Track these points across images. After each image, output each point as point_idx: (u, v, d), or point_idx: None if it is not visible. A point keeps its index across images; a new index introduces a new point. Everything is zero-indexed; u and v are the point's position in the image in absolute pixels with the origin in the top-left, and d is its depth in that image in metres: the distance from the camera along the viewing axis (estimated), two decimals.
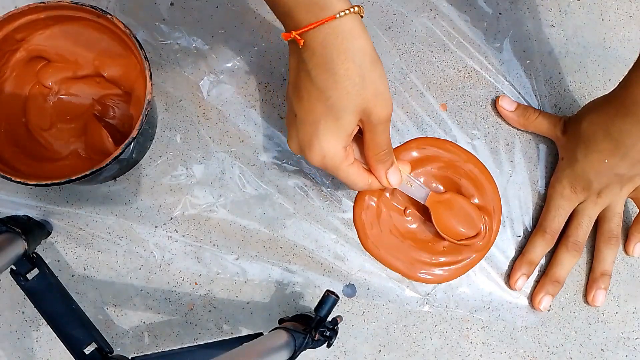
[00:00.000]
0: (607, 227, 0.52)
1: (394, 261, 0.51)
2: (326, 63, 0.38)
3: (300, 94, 0.40)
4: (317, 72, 0.39)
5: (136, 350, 0.49)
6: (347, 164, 0.42)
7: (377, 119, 0.40)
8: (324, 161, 0.42)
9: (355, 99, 0.39)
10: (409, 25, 0.56)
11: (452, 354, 0.51)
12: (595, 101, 0.50)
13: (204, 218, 0.51)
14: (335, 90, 0.39)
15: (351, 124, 0.40)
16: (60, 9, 0.45)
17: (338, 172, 0.43)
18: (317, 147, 0.41)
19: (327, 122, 0.40)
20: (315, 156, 0.42)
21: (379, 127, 0.41)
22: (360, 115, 0.40)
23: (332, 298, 0.42)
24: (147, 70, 0.43)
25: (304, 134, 0.41)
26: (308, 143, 0.41)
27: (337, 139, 0.41)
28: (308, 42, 0.38)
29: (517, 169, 0.54)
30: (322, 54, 0.38)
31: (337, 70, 0.38)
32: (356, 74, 0.38)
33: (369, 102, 0.39)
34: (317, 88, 0.39)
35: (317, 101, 0.40)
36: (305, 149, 0.42)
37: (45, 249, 0.50)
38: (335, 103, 0.39)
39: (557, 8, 0.57)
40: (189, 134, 0.52)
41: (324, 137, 0.41)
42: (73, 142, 0.49)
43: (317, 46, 0.38)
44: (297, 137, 0.42)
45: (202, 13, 0.54)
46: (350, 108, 0.39)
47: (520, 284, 0.51)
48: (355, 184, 0.44)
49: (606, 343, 0.52)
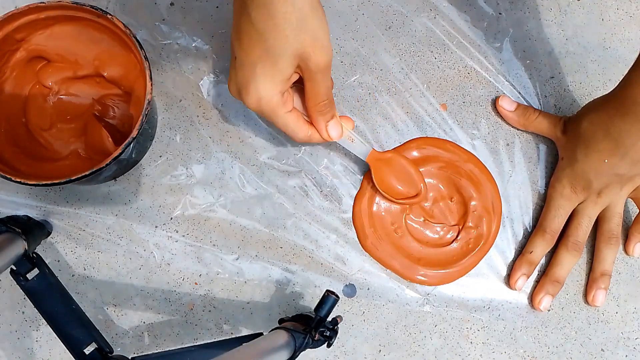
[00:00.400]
0: (607, 227, 0.52)
1: (392, 262, 0.51)
2: (266, 5, 0.38)
3: (241, 36, 0.40)
4: (256, 14, 0.38)
5: (136, 350, 0.49)
6: (284, 110, 0.42)
7: (316, 66, 0.40)
8: (259, 104, 0.42)
9: (292, 43, 0.39)
10: (409, 25, 0.56)
11: (452, 354, 0.51)
12: (595, 101, 0.50)
13: (204, 218, 0.51)
14: (274, 32, 0.38)
15: (288, 69, 0.40)
16: (60, 9, 0.45)
17: (276, 119, 0.43)
18: (253, 89, 0.41)
19: (265, 66, 0.40)
20: (252, 99, 0.41)
21: (317, 76, 0.41)
22: (297, 60, 0.40)
23: (332, 298, 0.42)
24: (147, 70, 0.43)
25: (242, 77, 0.41)
26: (245, 85, 0.41)
27: (273, 83, 0.41)
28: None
29: (517, 169, 0.54)
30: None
31: (276, 13, 0.38)
32: (295, 17, 0.38)
33: (307, 48, 0.39)
34: (257, 30, 0.39)
35: (256, 44, 0.39)
36: (242, 91, 0.42)
37: (45, 249, 0.50)
38: (273, 46, 0.39)
39: (557, 8, 0.57)
40: (189, 134, 0.52)
41: (260, 80, 0.41)
42: (73, 142, 0.49)
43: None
44: (235, 79, 0.42)
45: (202, 13, 0.54)
46: (288, 52, 0.39)
47: (520, 284, 0.51)
48: (295, 133, 0.44)
49: (606, 343, 0.52)
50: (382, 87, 0.54)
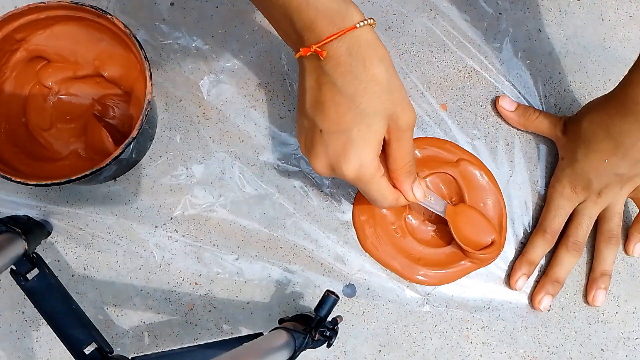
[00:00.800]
0: (607, 227, 0.52)
1: (391, 262, 0.51)
2: (353, 71, 0.38)
3: (326, 107, 0.40)
4: (343, 81, 0.38)
5: (136, 350, 0.49)
6: (380, 174, 0.41)
7: (406, 124, 0.40)
8: (360, 171, 0.40)
9: (384, 102, 0.39)
10: (409, 25, 0.56)
11: (452, 354, 0.51)
12: (595, 101, 0.50)
13: (204, 218, 0.51)
14: (365, 95, 0.38)
15: (382, 129, 0.40)
16: (60, 9, 0.45)
17: (372, 184, 0.41)
18: (354, 155, 0.39)
19: (360, 128, 0.39)
20: (352, 166, 0.40)
21: (406, 135, 0.40)
22: (389, 120, 0.40)
23: (332, 298, 0.42)
24: (147, 70, 0.43)
25: (335, 146, 0.40)
26: (342, 153, 0.40)
27: (371, 146, 0.40)
28: (331, 53, 0.38)
29: (517, 169, 0.54)
30: (347, 63, 0.38)
31: (364, 76, 0.38)
32: (383, 78, 0.38)
33: (397, 107, 0.39)
34: (345, 96, 0.39)
35: (346, 110, 0.39)
36: (340, 160, 0.40)
37: (45, 249, 0.50)
38: (367, 108, 0.39)
39: (557, 8, 0.57)
40: (189, 134, 0.52)
41: (358, 144, 0.39)
42: (73, 142, 0.49)
43: (342, 56, 0.38)
44: (326, 151, 0.40)
45: (202, 13, 0.54)
46: (382, 112, 0.39)
47: (521, 284, 0.51)
48: (386, 198, 0.42)
49: (606, 343, 0.52)
50: None
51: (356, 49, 0.38)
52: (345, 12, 0.38)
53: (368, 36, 0.38)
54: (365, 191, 0.42)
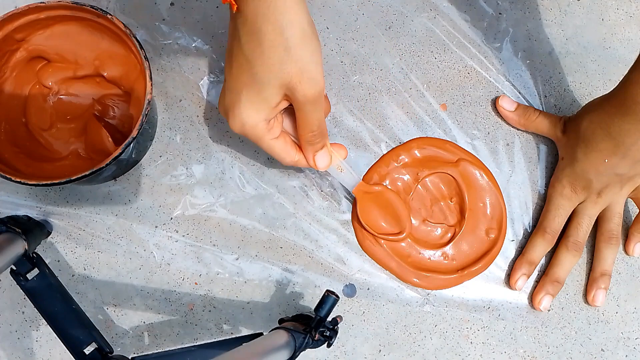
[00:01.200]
0: (607, 227, 0.52)
1: (389, 262, 0.51)
2: (255, 32, 0.37)
3: (231, 60, 0.40)
4: (246, 40, 0.38)
5: (136, 350, 0.49)
6: (269, 137, 0.42)
7: (303, 97, 0.39)
8: (243, 129, 0.42)
9: (277, 73, 0.38)
10: (409, 25, 0.56)
11: (452, 354, 0.51)
12: (595, 101, 0.50)
13: (204, 218, 0.51)
14: (260, 60, 0.38)
15: (274, 98, 0.40)
16: (60, 9, 0.45)
17: (260, 144, 0.43)
18: (238, 114, 0.41)
19: (250, 93, 0.40)
20: (236, 124, 0.42)
21: (306, 107, 0.40)
22: (284, 90, 0.40)
23: (332, 298, 0.42)
24: (147, 70, 0.43)
25: (228, 100, 0.42)
26: (231, 110, 0.41)
27: (257, 111, 0.41)
28: (242, 8, 0.37)
29: (517, 169, 0.54)
30: (253, 22, 0.37)
31: (263, 40, 0.37)
32: (282, 47, 0.37)
33: (294, 78, 0.38)
34: (245, 56, 0.39)
35: (243, 70, 0.39)
36: (228, 114, 0.42)
37: (45, 249, 0.50)
38: (259, 74, 0.39)
39: (557, 8, 0.57)
40: (189, 134, 0.52)
41: (244, 107, 0.41)
42: (73, 142, 0.49)
43: (249, 14, 0.37)
44: (223, 101, 0.43)
45: (202, 13, 0.54)
46: (273, 81, 0.39)
47: (521, 284, 0.51)
48: (282, 158, 0.44)
49: (606, 343, 0.52)
50: (382, 87, 0.54)
51: (264, 10, 0.36)
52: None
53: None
54: (259, 146, 0.43)
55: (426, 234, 0.52)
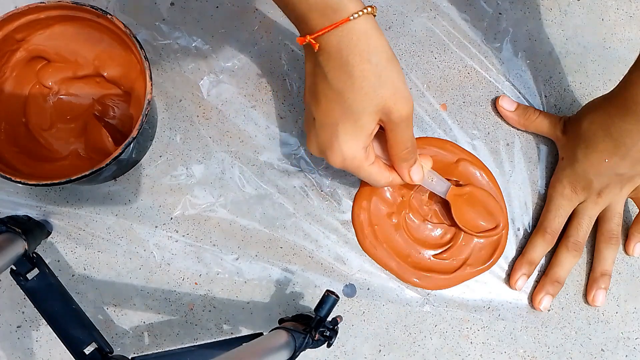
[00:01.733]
0: (607, 227, 0.52)
1: (389, 262, 0.51)
2: (342, 65, 0.38)
3: (318, 98, 0.41)
4: (333, 75, 0.39)
5: (136, 350, 0.49)
6: (367, 163, 0.43)
7: (398, 117, 0.40)
8: (344, 163, 0.42)
9: (373, 99, 0.39)
10: (409, 25, 0.56)
11: (452, 354, 0.51)
12: (595, 101, 0.50)
13: (204, 218, 0.51)
14: (353, 91, 0.39)
15: (370, 125, 0.41)
16: (60, 9, 0.45)
17: (359, 172, 0.43)
18: (337, 149, 0.41)
19: (346, 124, 0.40)
20: (336, 158, 0.42)
21: (400, 125, 0.41)
22: (379, 115, 0.40)
23: (332, 298, 0.42)
24: (147, 70, 0.43)
25: (323, 137, 0.42)
26: (328, 145, 0.42)
27: (356, 140, 0.41)
28: (323, 45, 0.38)
29: (517, 169, 0.54)
30: (338, 57, 0.38)
31: (353, 71, 0.38)
32: (372, 74, 0.38)
33: (388, 101, 0.39)
34: (335, 90, 0.39)
35: (335, 103, 0.40)
36: (326, 151, 0.42)
37: (45, 249, 0.50)
38: (353, 104, 0.39)
39: (557, 8, 0.57)
40: (189, 134, 0.52)
41: (343, 139, 0.41)
42: (73, 142, 0.49)
43: (333, 49, 0.38)
44: (316, 140, 0.43)
45: (202, 13, 0.54)
46: (369, 109, 0.39)
47: (521, 283, 0.51)
48: (378, 182, 0.44)
49: (606, 343, 0.52)
50: None
51: (347, 42, 0.38)
52: (339, 4, 0.37)
53: (363, 27, 0.38)
54: (356, 175, 0.44)
55: (426, 234, 0.52)
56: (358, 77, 0.38)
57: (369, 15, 0.38)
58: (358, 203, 0.52)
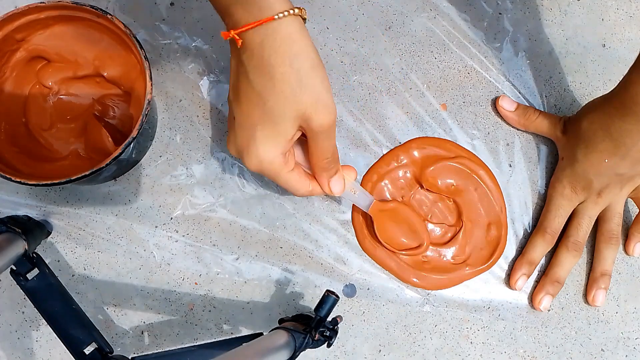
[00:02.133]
0: (607, 227, 0.52)
1: (389, 262, 0.51)
2: (264, 66, 0.37)
3: (239, 97, 0.39)
4: (255, 75, 0.38)
5: (136, 350, 0.49)
6: (286, 170, 0.41)
7: (319, 126, 0.39)
8: (261, 167, 0.41)
9: (292, 105, 0.38)
10: (409, 25, 0.56)
11: (452, 354, 0.51)
12: (595, 101, 0.50)
13: (204, 218, 0.51)
14: (273, 94, 0.37)
15: (289, 130, 0.39)
16: (60, 9, 0.45)
17: (277, 179, 0.42)
18: (254, 152, 0.40)
19: (265, 128, 0.39)
20: (252, 162, 0.40)
21: (321, 135, 0.40)
22: (299, 121, 0.39)
23: (332, 298, 0.42)
24: (147, 70, 0.43)
25: (241, 139, 0.40)
26: (245, 148, 0.40)
27: (274, 145, 0.40)
28: (247, 43, 0.37)
29: (517, 169, 0.54)
30: (260, 56, 0.37)
31: (274, 74, 0.37)
32: (294, 78, 0.37)
33: (308, 108, 0.38)
34: (255, 91, 0.38)
35: (255, 105, 0.38)
36: (243, 153, 0.41)
37: (45, 249, 0.50)
38: (273, 108, 0.38)
39: (557, 8, 0.57)
40: (189, 134, 0.52)
41: (260, 143, 0.39)
42: (73, 142, 0.49)
43: (256, 47, 0.37)
44: (235, 140, 0.41)
45: (202, 13, 0.54)
46: (288, 114, 0.38)
47: (521, 284, 0.51)
48: (296, 190, 0.43)
49: (606, 343, 0.52)
50: (382, 87, 0.54)
51: (270, 42, 0.36)
52: (264, 1, 0.36)
53: (288, 29, 0.36)
54: (274, 181, 0.42)
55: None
56: (279, 80, 0.37)
57: (296, 17, 0.37)
58: None
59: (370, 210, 0.49)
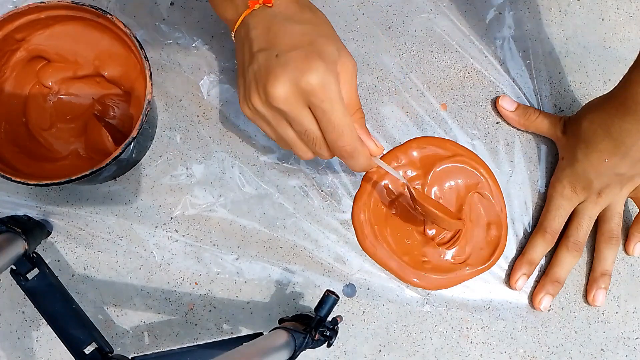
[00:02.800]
0: (608, 226, 0.52)
1: (389, 262, 0.51)
2: (303, 6, 0.41)
3: (279, 38, 0.39)
4: (297, 13, 0.40)
5: (136, 350, 0.49)
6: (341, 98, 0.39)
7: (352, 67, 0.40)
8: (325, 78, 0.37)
9: (337, 42, 0.40)
10: (409, 25, 0.56)
11: (452, 354, 0.51)
12: (595, 100, 0.50)
13: (204, 218, 0.51)
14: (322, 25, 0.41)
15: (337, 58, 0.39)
16: (60, 9, 0.45)
17: (333, 109, 0.38)
18: (316, 61, 0.37)
19: (320, 42, 0.39)
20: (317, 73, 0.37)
21: (354, 79, 0.40)
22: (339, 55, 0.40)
23: (332, 298, 0.42)
24: (147, 70, 0.43)
25: (296, 59, 0.37)
26: (305, 62, 0.37)
27: (331, 58, 0.38)
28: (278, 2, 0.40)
29: (517, 169, 0.54)
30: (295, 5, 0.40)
31: (314, 9, 0.42)
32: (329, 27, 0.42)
33: (342, 50, 0.40)
34: (301, 23, 0.40)
35: (303, 33, 0.39)
36: (304, 69, 0.37)
37: (45, 249, 0.50)
38: (324, 32, 0.40)
39: (557, 8, 0.57)
40: (189, 134, 0.52)
41: (320, 54, 0.38)
42: (73, 142, 0.49)
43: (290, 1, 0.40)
44: (285, 70, 0.37)
45: (202, 13, 0.54)
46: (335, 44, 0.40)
47: (521, 283, 0.51)
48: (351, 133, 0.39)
49: (606, 343, 0.52)
50: (382, 87, 0.54)
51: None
52: None
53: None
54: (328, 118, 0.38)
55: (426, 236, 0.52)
56: (322, 23, 0.41)
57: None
58: (358, 203, 0.52)
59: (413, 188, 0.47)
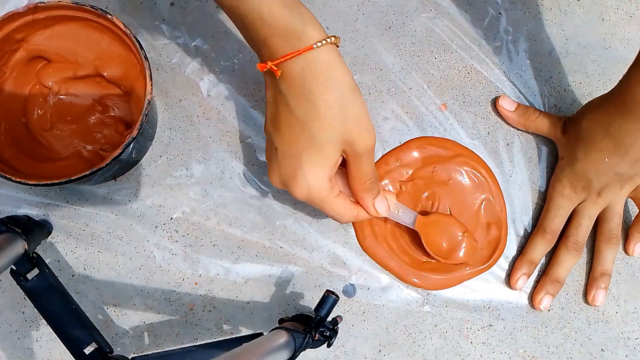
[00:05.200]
0: (607, 226, 0.52)
1: (389, 262, 0.51)
2: (305, 94, 0.38)
3: (280, 127, 0.40)
4: (297, 104, 0.38)
5: (136, 350, 0.49)
6: (332, 195, 0.42)
7: (363, 148, 0.40)
8: (309, 194, 0.41)
9: (337, 129, 0.39)
10: (409, 25, 0.56)
11: (452, 354, 0.51)
12: (594, 100, 0.50)
13: (204, 218, 0.51)
14: (317, 121, 0.38)
15: (335, 155, 0.40)
16: (60, 9, 0.45)
17: (324, 205, 0.42)
18: (302, 179, 0.40)
19: (310, 154, 0.39)
20: (300, 189, 0.41)
21: (364, 157, 0.40)
22: (343, 145, 0.40)
23: (332, 298, 0.42)
24: (147, 70, 0.43)
25: (286, 167, 0.41)
26: (292, 176, 0.41)
27: (321, 171, 0.40)
28: (285, 73, 0.38)
29: (517, 169, 0.54)
30: (300, 85, 0.38)
31: (317, 101, 0.38)
32: (337, 104, 0.38)
33: (352, 132, 0.39)
34: (298, 120, 0.39)
35: (298, 133, 0.39)
36: (290, 182, 0.41)
37: (45, 249, 0.50)
38: (318, 134, 0.39)
39: (557, 8, 0.57)
40: (189, 134, 0.52)
41: (307, 169, 0.40)
42: (73, 142, 0.49)
43: (296, 77, 0.38)
44: (279, 171, 0.41)
45: (202, 13, 0.54)
46: (333, 139, 0.39)
47: (521, 283, 0.51)
48: (342, 215, 0.43)
49: (606, 343, 0.52)
50: (382, 87, 0.54)
51: (311, 71, 0.37)
52: (302, 31, 0.37)
53: (326, 56, 0.37)
54: (320, 209, 0.42)
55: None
56: (322, 106, 0.38)
57: (332, 46, 0.38)
58: None
59: (416, 226, 0.49)
